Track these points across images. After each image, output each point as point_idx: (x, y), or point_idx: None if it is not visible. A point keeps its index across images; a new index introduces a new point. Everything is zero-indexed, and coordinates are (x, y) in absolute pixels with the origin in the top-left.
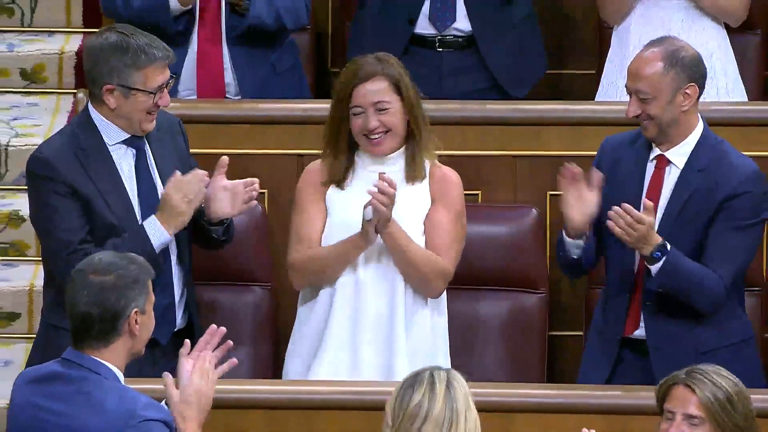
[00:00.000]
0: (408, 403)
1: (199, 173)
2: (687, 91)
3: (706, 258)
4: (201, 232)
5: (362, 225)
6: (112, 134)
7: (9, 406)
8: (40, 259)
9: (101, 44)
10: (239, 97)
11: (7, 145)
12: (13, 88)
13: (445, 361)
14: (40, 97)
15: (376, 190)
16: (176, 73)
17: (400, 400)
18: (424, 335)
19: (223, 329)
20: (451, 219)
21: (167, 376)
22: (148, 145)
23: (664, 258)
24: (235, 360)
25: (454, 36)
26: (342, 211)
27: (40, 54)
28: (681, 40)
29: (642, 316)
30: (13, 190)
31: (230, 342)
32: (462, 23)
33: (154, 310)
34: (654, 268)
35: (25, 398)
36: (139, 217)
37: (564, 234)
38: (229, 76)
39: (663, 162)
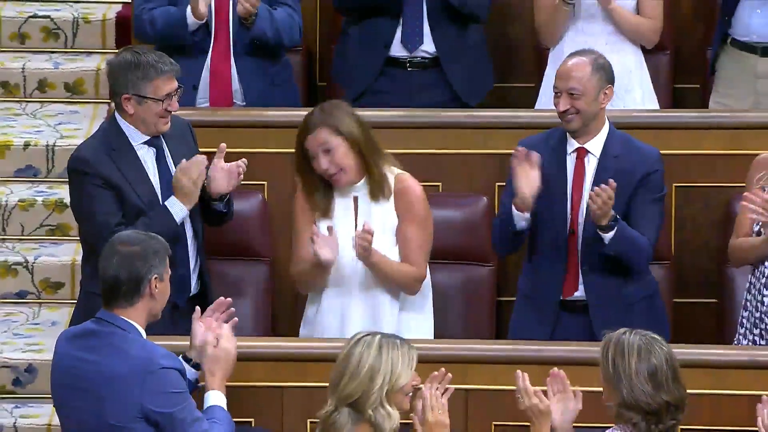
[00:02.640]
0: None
1: (199, 158)
2: (606, 91)
3: (632, 225)
4: (207, 210)
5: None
6: (135, 136)
7: (53, 358)
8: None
9: (119, 62)
10: (244, 102)
11: (54, 146)
12: (59, 98)
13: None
14: (80, 106)
15: (361, 232)
16: (195, 86)
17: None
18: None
19: (230, 300)
20: (418, 228)
21: (209, 338)
22: (165, 144)
23: (616, 227)
24: (236, 319)
25: (422, 58)
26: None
27: (80, 70)
28: (598, 51)
29: (581, 279)
30: (58, 182)
31: (233, 309)
32: (428, 46)
33: (173, 278)
34: (607, 237)
35: (65, 351)
36: (161, 202)
37: (513, 208)
38: (235, 84)
39: (582, 153)
